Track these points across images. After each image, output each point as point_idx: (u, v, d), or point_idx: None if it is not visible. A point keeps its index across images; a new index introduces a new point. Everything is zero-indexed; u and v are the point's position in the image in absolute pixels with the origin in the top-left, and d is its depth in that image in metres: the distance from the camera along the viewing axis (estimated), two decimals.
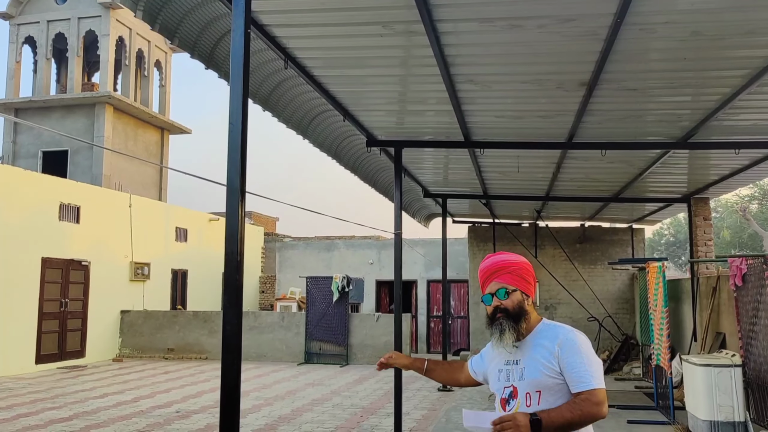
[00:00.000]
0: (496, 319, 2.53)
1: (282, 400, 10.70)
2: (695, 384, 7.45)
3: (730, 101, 5.86)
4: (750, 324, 8.18)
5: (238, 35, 3.22)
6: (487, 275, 2.59)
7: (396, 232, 8.01)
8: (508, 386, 2.48)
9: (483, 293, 2.61)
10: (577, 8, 4.21)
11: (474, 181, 10.81)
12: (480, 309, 15.27)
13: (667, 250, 37.46)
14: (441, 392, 11.71)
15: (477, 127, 7.35)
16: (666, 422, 8.38)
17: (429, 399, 10.96)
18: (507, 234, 15.24)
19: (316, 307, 16.56)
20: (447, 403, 10.42)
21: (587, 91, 5.76)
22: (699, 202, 11.65)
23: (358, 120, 7.21)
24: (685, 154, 8.32)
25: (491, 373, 2.61)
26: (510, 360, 2.51)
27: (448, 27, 4.59)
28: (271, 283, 22.81)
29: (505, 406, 2.45)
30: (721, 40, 4.66)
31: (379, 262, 21.41)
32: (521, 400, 2.42)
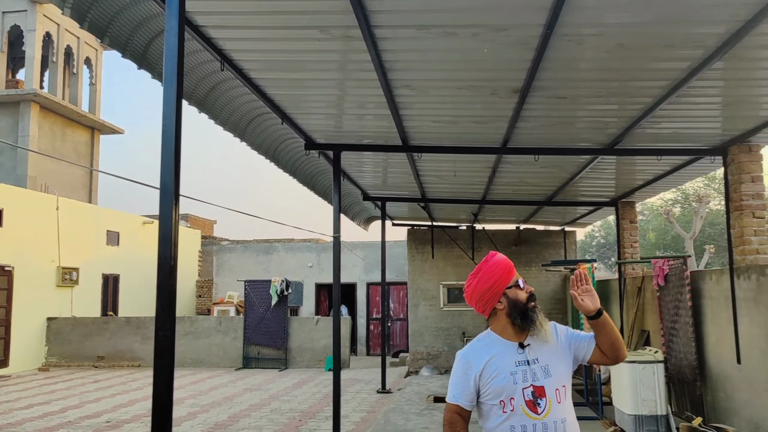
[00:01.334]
0: (533, 305, 2.59)
1: (219, 406, 10.52)
2: (621, 380, 7.77)
3: (652, 110, 6.16)
4: (671, 322, 8.60)
5: (172, 36, 3.17)
6: (511, 266, 2.69)
7: (335, 236, 8.02)
8: (528, 387, 2.47)
9: (509, 280, 2.62)
10: (509, 18, 4.35)
11: (413, 185, 10.94)
12: (419, 312, 15.45)
13: (597, 252, 38.83)
14: (380, 394, 11.78)
15: (415, 132, 7.45)
16: (595, 417, 8.71)
17: (368, 401, 11.00)
18: (445, 237, 15.48)
19: (255, 311, 16.36)
20: (386, 405, 10.49)
21: (520, 98, 5.93)
22: (626, 206, 12.16)
23: (297, 123, 7.19)
24: (612, 159, 8.67)
25: (499, 378, 2.48)
26: (521, 361, 2.51)
27: (386, 33, 4.65)
28: (208, 287, 22.37)
29: (536, 408, 2.45)
30: (643, 52, 4.90)
31: (319, 265, 21.34)
32: (551, 397, 2.47)
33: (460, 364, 2.59)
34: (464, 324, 15.39)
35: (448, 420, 2.55)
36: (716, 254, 22.22)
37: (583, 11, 4.18)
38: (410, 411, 9.74)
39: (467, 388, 2.54)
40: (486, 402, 2.53)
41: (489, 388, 2.50)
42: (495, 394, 2.48)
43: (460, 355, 2.64)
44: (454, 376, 2.60)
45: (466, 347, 2.68)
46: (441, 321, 15.43)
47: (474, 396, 2.54)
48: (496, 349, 2.55)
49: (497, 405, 2.48)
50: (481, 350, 2.58)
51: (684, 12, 4.20)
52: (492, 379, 2.49)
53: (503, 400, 2.47)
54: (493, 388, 2.49)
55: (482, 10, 4.24)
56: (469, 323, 15.38)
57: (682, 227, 20.13)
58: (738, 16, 4.21)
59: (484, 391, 2.52)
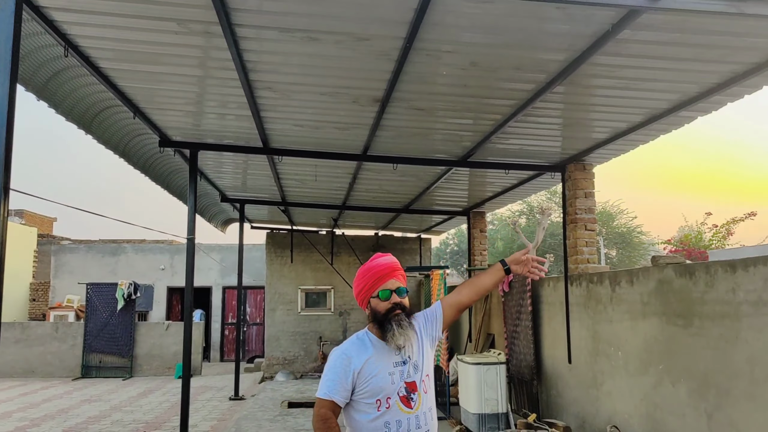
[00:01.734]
0: (393, 315, 2.61)
1: (52, 419, 9.69)
2: (468, 381, 8.19)
3: (502, 126, 6.57)
4: (514, 326, 9.20)
5: (7, 14, 2.89)
6: (386, 272, 2.67)
7: (189, 237, 7.71)
8: (402, 385, 2.58)
9: (377, 288, 2.65)
10: (371, 29, 4.44)
11: (273, 188, 10.80)
12: (276, 316, 15.25)
13: (451, 259, 40.61)
14: (233, 401, 11.47)
15: (276, 135, 7.37)
16: (442, 417, 9.09)
17: (219, 409, 10.67)
18: (305, 241, 15.43)
19: (98, 316, 15.29)
20: (238, 412, 10.23)
21: (380, 108, 6.08)
22: (477, 216, 12.86)
23: (151, 119, 6.83)
24: (465, 171, 9.14)
25: (378, 378, 2.55)
26: (397, 361, 2.61)
27: (248, 32, 4.56)
28: (44, 290, 20.53)
29: (409, 403, 2.56)
30: (495, 72, 5.22)
31: (172, 268, 20.36)
32: (420, 390, 2.62)
33: (339, 360, 2.59)
34: (321, 329, 15.42)
35: (322, 416, 2.54)
36: (555, 263, 24.10)
37: (441, 28, 4.37)
38: (263, 418, 9.58)
39: (344, 384, 2.55)
40: (360, 399, 2.56)
41: (366, 386, 2.54)
42: (372, 393, 2.54)
43: (339, 351, 2.65)
44: (330, 372, 2.59)
45: (344, 344, 2.70)
46: (298, 326, 15.35)
47: (349, 393, 2.56)
48: (374, 349, 2.61)
49: (372, 403, 2.54)
50: (360, 348, 2.62)
51: (530, 38, 4.53)
52: (371, 378, 2.54)
53: (380, 399, 2.54)
54: (371, 388, 2.54)
55: (345, 18, 4.29)
56: (326, 328, 15.43)
57: (527, 237, 21.64)
58: (576, 46, 4.62)
59: (360, 389, 2.55)
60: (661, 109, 5.99)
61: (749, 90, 5.40)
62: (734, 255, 11.19)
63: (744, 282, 4.72)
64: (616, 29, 4.21)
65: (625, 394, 6.36)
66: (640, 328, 6.11)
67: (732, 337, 4.83)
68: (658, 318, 5.80)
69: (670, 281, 5.64)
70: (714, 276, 5.05)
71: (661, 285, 5.77)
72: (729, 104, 5.74)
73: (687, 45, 4.55)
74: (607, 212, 29.28)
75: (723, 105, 5.79)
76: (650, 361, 5.93)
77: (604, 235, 28.50)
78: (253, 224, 15.74)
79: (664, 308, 5.72)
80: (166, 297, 20.10)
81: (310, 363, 15.25)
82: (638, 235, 29.90)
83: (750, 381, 4.64)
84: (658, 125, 6.41)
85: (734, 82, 5.13)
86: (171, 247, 20.66)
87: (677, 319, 5.51)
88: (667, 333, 5.65)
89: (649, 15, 3.99)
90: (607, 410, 6.71)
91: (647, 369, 5.97)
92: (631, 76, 5.20)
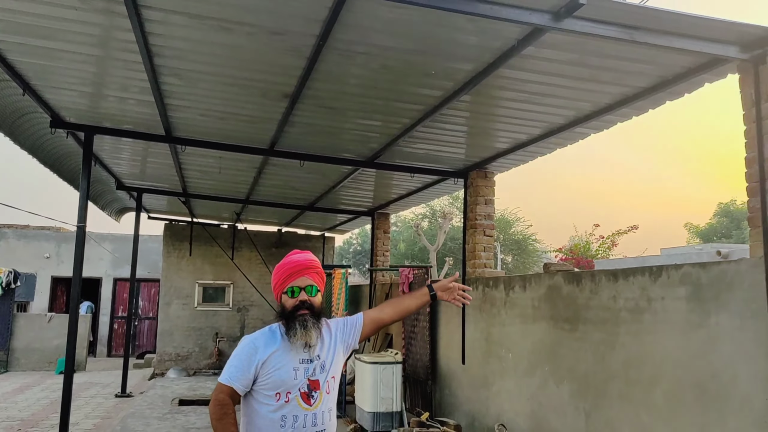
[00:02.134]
0: (299, 314, 2.61)
1: None
2: (364, 380, 8.28)
3: (409, 130, 6.69)
4: (412, 326, 9.39)
5: None
6: (298, 269, 2.66)
7: (79, 225, 7.30)
8: (305, 381, 2.59)
9: (287, 285, 2.65)
10: (285, 24, 4.40)
11: (174, 178, 10.43)
12: (171, 310, 14.72)
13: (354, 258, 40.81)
14: (119, 398, 10.97)
15: (180, 123, 7.12)
16: (338, 416, 9.13)
17: (104, 406, 10.18)
18: (204, 234, 15.00)
19: None
20: (125, 410, 9.79)
21: (290, 103, 6.02)
22: (381, 217, 13.01)
23: (43, 97, 6.41)
24: (372, 172, 9.22)
25: (281, 372, 2.56)
26: (304, 359, 2.60)
27: (155, 15, 4.38)
28: None
29: (309, 400, 2.57)
30: (405, 76, 5.31)
31: (58, 257, 19.18)
32: (323, 390, 2.64)
33: (246, 349, 2.60)
34: (218, 324, 15.05)
35: (220, 401, 2.54)
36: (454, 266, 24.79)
37: (354, 29, 4.40)
38: (152, 416, 9.22)
39: (247, 372, 2.55)
40: (260, 390, 2.57)
41: (269, 378, 2.55)
42: (273, 386, 2.55)
43: (247, 339, 2.66)
44: (235, 359, 2.60)
45: (255, 333, 2.70)
46: (194, 321, 14.90)
47: (250, 382, 2.57)
48: (282, 343, 2.61)
49: (272, 395, 2.55)
50: (269, 340, 2.62)
51: (440, 46, 4.65)
52: (274, 371, 2.55)
53: (279, 393, 2.55)
54: (273, 380, 2.55)
55: (259, 10, 4.22)
56: (223, 324, 15.08)
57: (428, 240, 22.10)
58: (483, 58, 4.79)
59: (262, 380, 2.56)
60: (558, 124, 6.32)
61: (637, 112, 5.81)
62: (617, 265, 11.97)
63: (624, 290, 5.07)
64: (521, 45, 4.41)
65: (514, 393, 6.66)
66: (530, 332, 6.42)
67: (611, 341, 5.18)
68: (547, 322, 6.11)
69: (559, 287, 5.97)
70: (598, 284, 5.39)
71: (551, 291, 6.09)
72: (619, 123, 6.15)
73: (585, 66, 4.83)
74: (505, 219, 30.48)
75: (614, 124, 6.19)
76: (537, 363, 6.24)
77: (501, 241, 29.63)
78: (151, 215, 15.11)
79: (552, 313, 6.03)
80: (50, 287, 18.90)
81: (204, 360, 14.83)
82: (533, 243, 31.33)
83: (625, 382, 4.99)
84: (555, 139, 6.76)
85: (624, 103, 5.50)
86: (58, 234, 19.44)
87: (564, 324, 5.83)
88: (554, 336, 5.97)
89: (552, 34, 4.20)
90: (497, 409, 7.00)
91: (534, 370, 6.28)
92: (533, 91, 5.45)
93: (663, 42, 4.06)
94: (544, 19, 3.84)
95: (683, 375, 4.43)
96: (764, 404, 3.83)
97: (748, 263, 4.06)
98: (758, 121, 4.12)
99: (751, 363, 3.94)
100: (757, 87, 4.16)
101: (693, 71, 4.73)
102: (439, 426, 7.47)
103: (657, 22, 3.96)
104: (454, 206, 29.49)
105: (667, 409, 4.54)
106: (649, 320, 4.78)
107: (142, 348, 18.81)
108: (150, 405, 10.12)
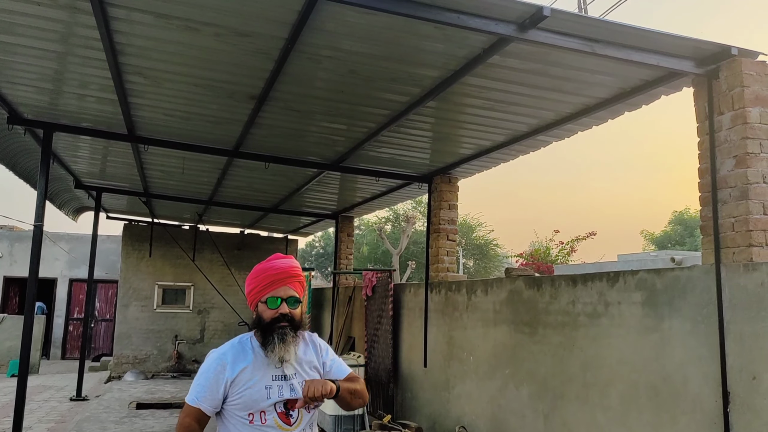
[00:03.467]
0: (278, 326, 2.37)
1: None
2: None
3: (375, 135, 6.74)
4: (374, 329, 9.43)
5: None
6: (280, 277, 2.42)
7: (36, 224, 7.12)
8: (281, 401, 2.38)
9: (266, 293, 2.40)
10: (254, 25, 4.39)
11: (135, 177, 10.26)
12: (129, 312, 14.45)
13: (316, 261, 40.64)
14: (74, 402, 10.72)
15: (143, 122, 7.03)
16: None
17: (58, 410, 9.93)
18: (165, 235, 14.76)
19: None
20: (80, 413, 9.57)
21: (256, 105, 6.01)
22: (345, 220, 13.02)
23: (0, 92, 6.25)
24: (337, 176, 9.24)
25: (253, 391, 2.34)
26: (277, 375, 2.39)
27: (120, 13, 4.33)
28: None
29: (288, 420, 2.37)
30: (371, 81, 5.36)
31: (11, 256, 18.61)
32: (302, 408, 2.40)
33: (213, 366, 2.37)
34: (178, 327, 14.82)
35: (186, 426, 2.33)
36: (417, 270, 24.95)
37: (322, 33, 4.43)
38: (108, 419, 9.04)
39: (215, 393, 2.35)
40: (231, 411, 2.36)
41: (239, 398, 2.34)
42: (244, 406, 2.34)
43: (215, 354, 2.42)
44: (201, 377, 2.38)
45: (223, 347, 2.45)
46: (153, 323, 14.64)
47: (220, 402, 2.36)
48: (254, 358, 2.39)
49: (244, 416, 2.34)
50: (238, 354, 2.39)
51: (407, 53, 4.71)
52: (245, 390, 2.34)
53: (252, 413, 2.34)
54: (244, 400, 2.34)
55: (227, 11, 4.21)
56: (183, 326, 14.86)
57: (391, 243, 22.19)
58: (449, 65, 4.87)
59: (232, 399, 2.35)
60: (521, 132, 6.45)
61: (597, 122, 5.98)
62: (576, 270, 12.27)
63: (582, 295, 5.20)
64: (486, 54, 4.50)
65: (474, 396, 6.75)
66: (491, 335, 6.52)
67: (569, 344, 5.30)
68: (508, 326, 6.22)
69: (520, 292, 6.08)
70: (558, 289, 5.52)
71: (512, 295, 6.20)
72: (579, 132, 6.31)
73: (548, 75, 4.95)
74: (468, 224, 30.77)
75: (574, 133, 6.35)
76: (498, 366, 6.34)
77: (463, 245, 29.91)
78: (110, 214, 14.81)
79: (513, 317, 6.15)
80: (1, 288, 18.33)
81: (163, 362, 14.59)
82: (494, 248, 31.70)
83: (582, 385, 5.12)
84: (518, 146, 6.89)
85: (585, 113, 5.66)
86: (11, 233, 18.88)
87: (524, 327, 5.95)
88: (515, 340, 6.08)
89: (516, 44, 4.30)
90: (457, 412, 7.08)
91: (495, 373, 6.38)
92: (497, 99, 5.56)
93: (622, 55, 4.20)
94: (510, 29, 3.94)
95: (638, 377, 4.57)
96: (714, 405, 3.98)
97: (701, 270, 4.22)
98: (711, 134, 4.30)
99: (702, 365, 4.10)
100: (711, 100, 4.33)
101: (650, 84, 4.89)
102: (401, 429, 7.52)
103: (617, 35, 4.10)
104: (417, 210, 29.68)
105: (622, 410, 4.68)
106: (606, 324, 4.92)
107: (98, 350, 18.38)
108: (106, 408, 9.91)
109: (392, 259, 23.30)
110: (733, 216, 4.10)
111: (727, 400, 3.89)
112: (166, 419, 9.14)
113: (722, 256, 4.12)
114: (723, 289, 3.99)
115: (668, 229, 42.16)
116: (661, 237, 41.35)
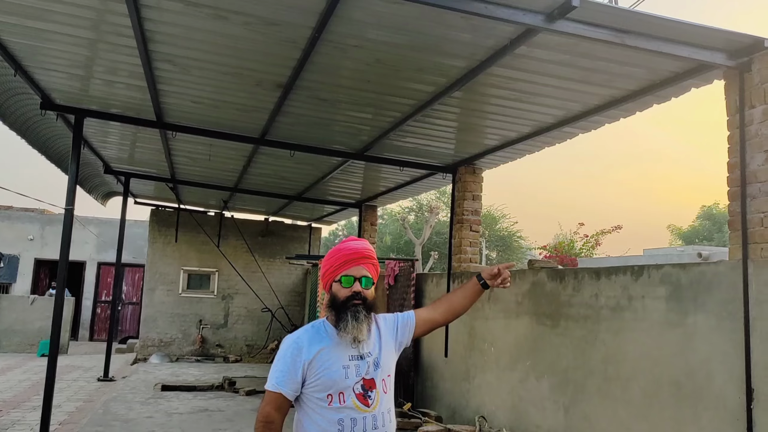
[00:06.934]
0: (351, 305, 2.38)
1: None
2: None
3: (400, 125, 6.75)
4: None
5: None
6: (354, 257, 2.43)
7: (68, 208, 7.28)
8: (359, 381, 2.36)
9: (341, 272, 2.41)
10: (282, 14, 4.42)
11: (162, 163, 10.40)
12: (155, 296, 14.70)
13: None
14: (102, 382, 10.97)
15: (171, 109, 7.12)
16: None
17: (86, 390, 10.17)
18: (191, 221, 14.96)
19: None
20: (107, 393, 9.80)
21: (283, 93, 6.05)
22: (368, 209, 13.06)
23: (33, 78, 6.38)
24: (361, 165, 9.27)
25: (331, 372, 2.34)
26: (354, 355, 2.39)
27: (150, 1, 4.39)
28: None
29: (366, 401, 2.36)
30: (398, 71, 5.36)
31: (42, 239, 19.03)
32: (380, 389, 2.40)
33: (290, 350, 2.36)
34: (203, 312, 15.05)
35: (265, 417, 2.32)
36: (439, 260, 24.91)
37: (349, 23, 4.44)
38: (134, 400, 9.24)
39: (294, 375, 2.33)
40: (310, 394, 2.35)
41: (318, 379, 2.33)
42: (323, 387, 2.32)
43: (290, 339, 2.42)
44: (279, 362, 2.37)
45: (297, 331, 2.46)
46: (178, 307, 14.89)
47: (299, 386, 2.35)
48: (329, 340, 2.39)
49: (323, 398, 2.33)
50: (313, 337, 2.39)
51: (434, 42, 4.70)
52: (323, 371, 2.33)
53: (331, 394, 2.33)
54: (323, 381, 2.32)
55: (256, 1, 4.25)
56: (207, 311, 15.08)
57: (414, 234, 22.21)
58: (476, 56, 4.85)
59: (311, 382, 2.34)
60: (547, 123, 6.40)
61: (624, 114, 5.91)
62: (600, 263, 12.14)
63: (606, 289, 5.17)
64: (514, 44, 4.47)
65: (494, 387, 6.76)
66: (512, 326, 6.52)
67: (592, 338, 5.28)
68: (530, 317, 6.21)
69: (542, 284, 6.06)
70: (581, 282, 5.49)
71: (535, 287, 6.18)
72: (606, 125, 6.24)
73: (575, 67, 4.90)
74: (491, 215, 30.64)
75: (602, 125, 6.29)
76: (519, 357, 6.34)
77: (486, 237, 29.80)
78: (138, 200, 15.05)
79: (535, 309, 6.13)
80: (32, 269, 18.76)
81: (187, 346, 14.84)
82: (517, 240, 31.54)
83: (603, 378, 5.10)
84: (544, 138, 6.84)
85: (612, 105, 5.60)
86: (42, 216, 19.29)
87: (546, 320, 5.94)
88: (536, 332, 6.08)
89: (544, 35, 4.27)
90: (477, 402, 7.10)
91: (516, 364, 6.39)
92: (523, 90, 5.52)
93: (653, 46, 4.14)
94: (537, 19, 3.91)
95: (660, 372, 4.54)
96: (737, 402, 3.95)
97: (727, 265, 4.17)
98: (741, 127, 4.23)
99: (726, 362, 4.06)
100: (742, 94, 4.26)
101: (681, 76, 4.82)
102: (421, 417, 7.57)
103: (647, 26, 4.05)
104: (441, 201, 29.61)
105: (644, 405, 4.66)
106: (629, 318, 4.89)
107: (124, 333, 18.75)
108: (132, 389, 10.13)
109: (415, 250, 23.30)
110: (762, 211, 4.04)
111: (750, 397, 3.86)
112: (190, 401, 9.31)
113: (750, 252, 4.07)
114: (750, 286, 3.95)
115: (696, 224, 41.49)
116: (689, 232, 40.72)
